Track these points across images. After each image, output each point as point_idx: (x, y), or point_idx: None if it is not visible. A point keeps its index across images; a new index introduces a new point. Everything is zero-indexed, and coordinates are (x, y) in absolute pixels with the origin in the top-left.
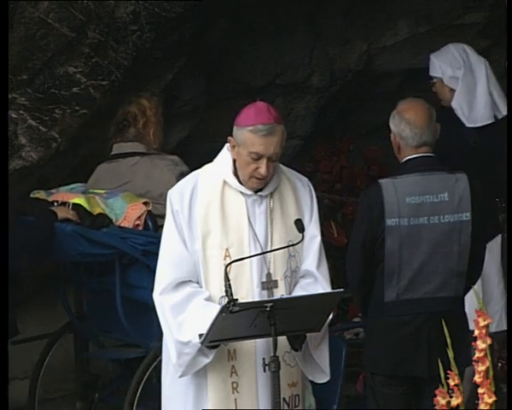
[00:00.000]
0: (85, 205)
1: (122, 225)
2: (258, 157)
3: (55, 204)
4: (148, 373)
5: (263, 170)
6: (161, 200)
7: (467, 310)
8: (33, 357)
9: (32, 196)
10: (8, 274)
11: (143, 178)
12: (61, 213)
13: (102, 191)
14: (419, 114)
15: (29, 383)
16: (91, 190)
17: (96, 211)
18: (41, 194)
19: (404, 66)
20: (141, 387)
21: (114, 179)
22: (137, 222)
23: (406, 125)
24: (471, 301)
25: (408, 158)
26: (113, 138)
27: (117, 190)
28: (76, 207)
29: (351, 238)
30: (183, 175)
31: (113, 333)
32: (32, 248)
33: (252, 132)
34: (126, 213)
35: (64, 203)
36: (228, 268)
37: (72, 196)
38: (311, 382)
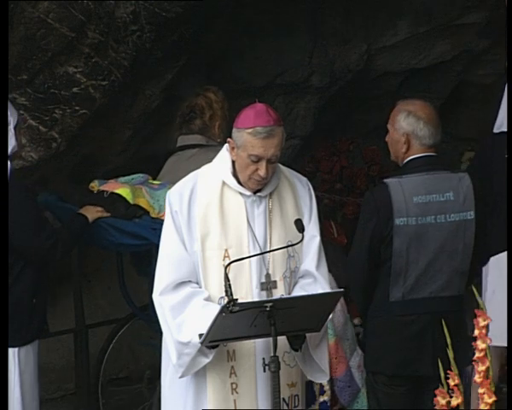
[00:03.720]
0: (128, 196)
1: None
2: (258, 159)
3: (105, 194)
4: None
5: (262, 172)
6: None
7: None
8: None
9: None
10: (7, 275)
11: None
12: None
13: (157, 183)
14: (433, 114)
15: (93, 370)
16: (150, 181)
17: (139, 202)
18: (95, 184)
19: (404, 66)
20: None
21: (176, 171)
22: None
23: (425, 125)
24: None
25: (412, 157)
26: (179, 130)
27: (169, 181)
28: (115, 196)
29: (355, 239)
30: None
31: None
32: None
33: (251, 135)
34: None
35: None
36: (227, 269)
37: (118, 186)
38: None
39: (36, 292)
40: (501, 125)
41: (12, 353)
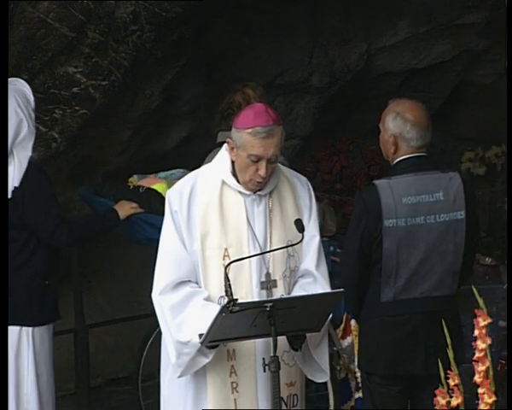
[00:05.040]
0: (163, 191)
1: None
2: (258, 159)
3: (141, 189)
4: None
5: (262, 172)
6: None
7: None
8: None
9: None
10: (7, 271)
11: None
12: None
13: None
14: (422, 116)
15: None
16: None
17: None
18: (133, 179)
19: (404, 66)
20: None
21: None
22: None
23: (412, 127)
24: None
25: (401, 158)
26: (219, 126)
27: None
28: (151, 192)
29: (346, 240)
30: None
31: None
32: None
33: (251, 135)
34: None
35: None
36: (227, 268)
37: (155, 181)
38: None
39: (47, 274)
40: None
41: (26, 332)
